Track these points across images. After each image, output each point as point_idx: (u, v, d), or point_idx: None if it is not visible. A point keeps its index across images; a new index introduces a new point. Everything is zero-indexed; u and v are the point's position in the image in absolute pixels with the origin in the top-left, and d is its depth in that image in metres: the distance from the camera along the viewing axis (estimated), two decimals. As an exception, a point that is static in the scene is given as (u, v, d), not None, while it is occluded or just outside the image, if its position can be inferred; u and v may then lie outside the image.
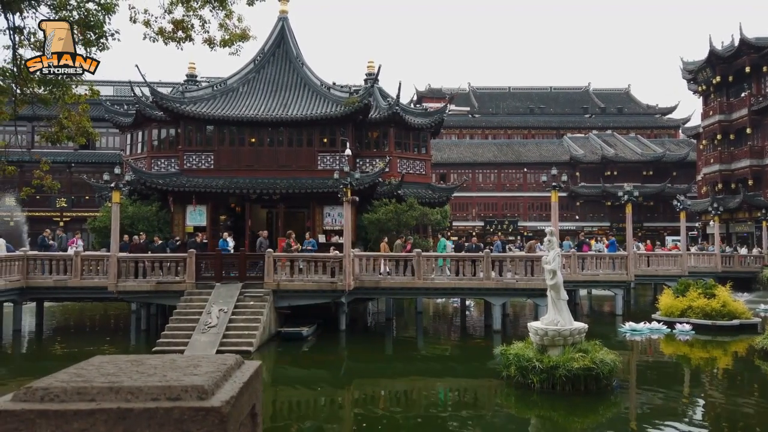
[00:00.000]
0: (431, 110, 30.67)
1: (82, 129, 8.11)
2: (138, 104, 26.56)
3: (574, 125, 61.30)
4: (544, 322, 12.48)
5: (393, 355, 17.94)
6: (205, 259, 19.37)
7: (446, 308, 28.30)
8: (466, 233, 48.55)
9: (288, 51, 29.37)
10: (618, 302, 23.52)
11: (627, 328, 19.65)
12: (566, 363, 11.49)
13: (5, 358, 17.22)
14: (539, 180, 51.69)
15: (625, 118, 62.91)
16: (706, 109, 44.88)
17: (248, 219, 25.40)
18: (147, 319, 20.39)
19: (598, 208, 51.20)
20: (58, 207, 39.84)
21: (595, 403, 11.63)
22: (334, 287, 18.57)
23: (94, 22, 7.42)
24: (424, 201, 25.95)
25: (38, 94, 7.78)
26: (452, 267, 19.63)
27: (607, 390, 11.99)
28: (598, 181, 50.48)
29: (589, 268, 22.46)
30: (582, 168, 51.65)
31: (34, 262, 19.25)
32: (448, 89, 66.10)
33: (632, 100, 66.82)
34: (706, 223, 43.00)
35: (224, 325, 16.64)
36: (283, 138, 25.68)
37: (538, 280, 18.54)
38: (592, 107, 64.53)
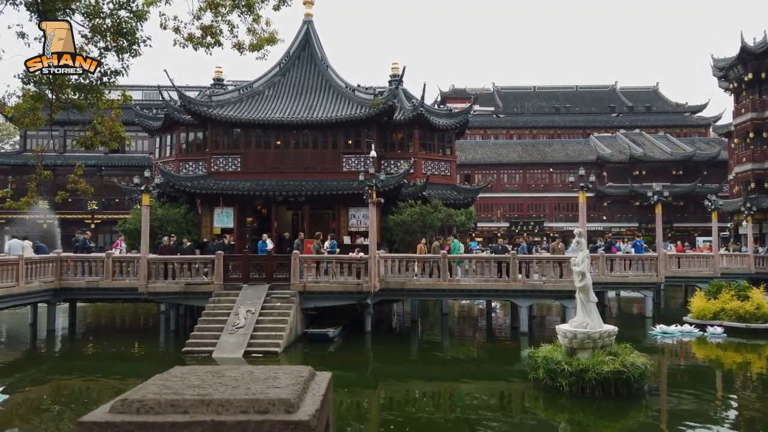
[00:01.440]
0: (456, 111, 30.54)
1: (115, 134, 8.29)
2: (167, 108, 26.99)
3: (600, 124, 60.44)
4: (573, 324, 12.34)
5: (418, 357, 17.91)
6: (232, 261, 19.59)
7: (471, 310, 28.15)
8: (491, 234, 48.28)
9: (313, 54, 29.56)
10: (648, 304, 23.12)
11: (658, 330, 19.30)
12: (596, 366, 11.34)
13: (40, 357, 17.66)
14: (565, 180, 51.12)
15: (653, 116, 61.81)
16: (737, 107, 43.84)
17: (274, 221, 25.63)
18: (176, 319, 20.70)
19: (626, 208, 50.40)
20: (89, 209, 40.70)
21: (625, 407, 11.45)
22: (359, 289, 18.63)
23: (127, 29, 7.56)
24: (449, 202, 25.86)
25: (73, 100, 7.97)
26: (476, 269, 19.50)
27: (638, 394, 11.80)
28: (626, 181, 49.69)
29: (618, 269, 22.12)
30: (609, 168, 50.91)
31: (67, 263, 19.71)
32: (472, 89, 65.81)
33: (661, 99, 65.63)
34: (739, 223, 41.97)
35: (252, 326, 16.81)
36: (308, 140, 25.84)
37: (566, 281, 18.35)
38: (620, 106, 63.55)
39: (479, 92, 61.59)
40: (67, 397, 12.83)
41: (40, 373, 15.53)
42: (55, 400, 12.59)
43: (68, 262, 19.75)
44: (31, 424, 10.71)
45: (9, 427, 10.44)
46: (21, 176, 39.37)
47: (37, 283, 18.37)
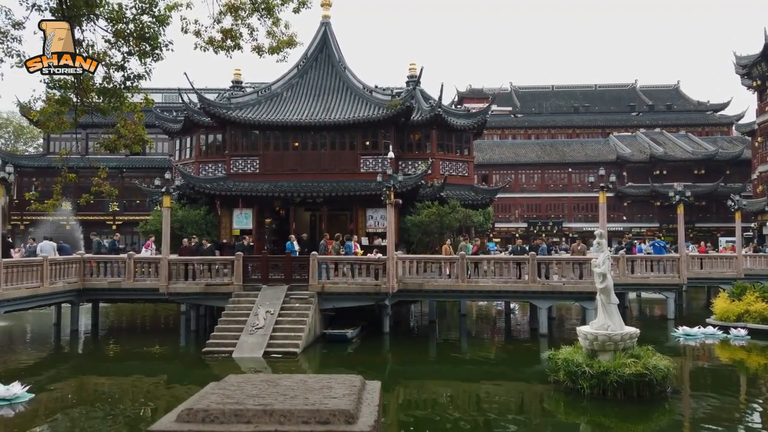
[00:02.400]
0: (474, 111, 30.44)
1: (138, 137, 8.42)
2: (186, 111, 27.29)
3: (620, 124, 59.77)
4: (594, 326, 12.22)
5: (437, 358, 17.88)
6: (252, 262, 19.74)
7: (489, 311, 28.02)
8: (509, 235, 48.01)
9: (330, 55, 29.67)
10: (670, 306, 22.82)
11: (680, 332, 19.03)
12: (617, 369, 11.23)
13: (64, 357, 17.96)
14: (584, 180, 50.62)
15: (674, 115, 60.96)
16: (761, 105, 43.08)
17: (292, 222, 25.77)
18: (196, 319, 20.90)
19: (647, 208, 49.79)
20: (111, 211, 41.32)
21: (648, 410, 11.31)
22: (377, 290, 18.65)
23: (150, 34, 7.66)
24: (467, 203, 25.79)
25: (97, 104, 8.10)
26: (495, 270, 19.41)
27: (661, 397, 11.65)
28: (647, 180, 49.07)
29: (639, 270, 21.86)
30: (629, 167, 50.33)
31: (90, 264, 20.01)
32: (489, 89, 65.50)
33: (682, 97, 64.72)
34: (763, 223, 41.25)
35: (271, 327, 16.93)
36: (326, 141, 25.95)
37: (586, 282, 18.19)
38: (640, 105, 62.80)
39: (496, 92, 61.27)
40: (91, 396, 13.03)
41: (64, 372, 15.79)
42: (80, 399, 12.79)
43: (91, 263, 20.05)
44: (55, 423, 10.89)
45: (35, 425, 10.64)
46: (44, 178, 40.11)
47: (61, 283, 18.68)
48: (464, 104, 54.46)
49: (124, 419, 11.07)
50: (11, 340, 19.61)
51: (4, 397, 11.40)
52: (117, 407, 11.93)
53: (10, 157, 39.18)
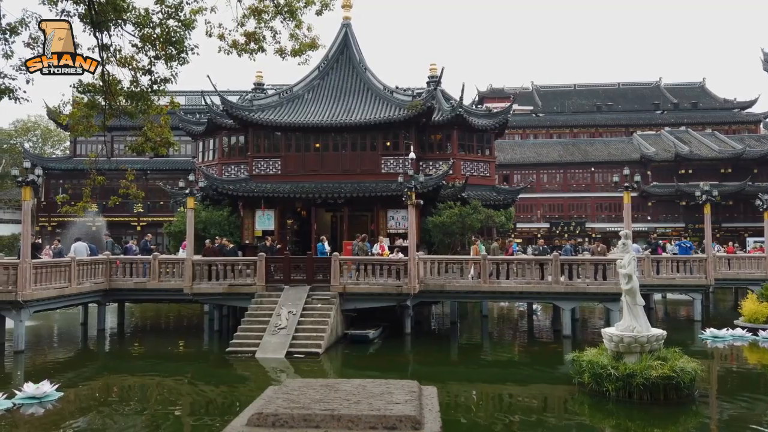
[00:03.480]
0: (495, 111, 30.28)
1: (164, 140, 8.55)
2: (209, 113, 27.60)
3: (644, 122, 58.92)
4: (620, 328, 12.07)
5: (459, 359, 17.81)
6: (274, 262, 19.88)
7: (511, 312, 27.83)
8: (531, 235, 47.63)
9: (351, 57, 29.77)
10: (696, 307, 22.43)
11: (708, 334, 18.70)
12: (644, 371, 11.07)
13: (91, 356, 18.28)
14: (608, 180, 49.98)
15: (700, 113, 59.90)
16: (790, 102, 42.09)
17: (314, 223, 25.90)
18: (219, 320, 21.12)
19: (672, 208, 48.98)
20: (135, 212, 41.99)
21: (675, 413, 11.13)
22: (399, 290, 18.64)
23: (176, 38, 7.78)
24: (488, 203, 25.66)
25: (125, 108, 8.25)
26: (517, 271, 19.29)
27: (688, 400, 11.46)
28: (672, 180, 48.28)
29: (665, 271, 21.52)
30: (654, 167, 49.56)
31: (116, 265, 20.35)
32: (510, 89, 65.10)
33: (708, 95, 63.56)
34: (793, 223, 40.27)
35: (293, 327, 17.04)
36: (347, 142, 26.03)
37: (611, 283, 17.98)
38: (664, 103, 61.82)
39: (517, 91, 60.90)
40: (118, 395, 13.25)
41: (91, 371, 16.07)
42: (107, 397, 13.01)
43: (117, 263, 20.39)
44: (84, 421, 11.09)
45: (64, 423, 10.84)
46: (72, 180, 40.94)
47: (88, 284, 19.03)
48: (485, 104, 54.16)
49: (151, 418, 11.23)
50: (40, 340, 20.02)
51: (34, 396, 11.65)
52: (144, 406, 12.11)
53: (38, 160, 40.02)
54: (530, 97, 64.08)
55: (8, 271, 16.51)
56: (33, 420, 10.87)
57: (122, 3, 7.71)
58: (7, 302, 16.40)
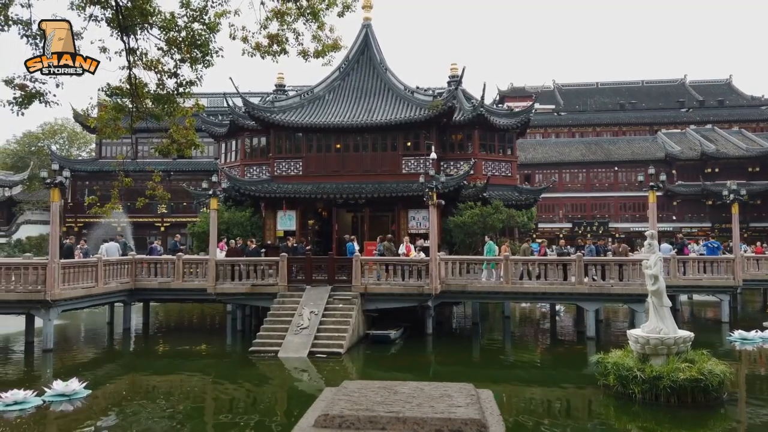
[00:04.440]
0: (517, 110, 30.06)
1: (189, 141, 8.66)
2: (232, 115, 27.86)
3: (669, 120, 58.01)
4: (646, 329, 11.90)
5: (480, 360, 17.72)
6: (296, 263, 20.00)
7: (533, 313, 27.61)
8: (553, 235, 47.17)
9: (372, 57, 29.81)
10: (724, 308, 22.01)
11: (736, 336, 18.34)
12: (671, 373, 10.91)
13: (118, 355, 18.59)
14: (631, 179, 49.35)
15: (726, 111, 58.76)
16: (821, 99, 41.07)
17: (335, 223, 25.99)
18: (242, 319, 21.31)
19: (698, 207, 48.14)
20: (159, 213, 42.59)
21: (703, 416, 10.94)
22: (420, 291, 18.62)
23: (201, 41, 7.86)
24: (510, 203, 25.49)
25: (151, 110, 8.37)
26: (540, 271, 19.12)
27: (717, 403, 11.25)
28: (697, 179, 47.47)
29: (691, 272, 21.15)
30: (679, 165, 48.76)
31: (142, 265, 20.66)
32: (531, 87, 64.61)
33: (734, 92, 62.33)
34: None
35: (315, 327, 17.12)
36: (368, 143, 26.07)
37: (635, 284, 17.74)
38: (689, 100, 60.78)
39: (539, 90, 60.39)
40: (143, 393, 13.45)
41: (118, 369, 16.35)
42: (134, 395, 13.21)
43: (142, 264, 20.69)
44: (112, 418, 11.28)
45: (93, 420, 11.04)
46: (97, 182, 41.68)
47: (114, 283, 19.34)
48: (506, 103, 53.80)
49: (177, 417, 11.38)
50: (67, 339, 20.41)
51: (63, 393, 11.89)
52: (169, 405, 12.27)
53: (65, 162, 40.81)
54: (552, 96, 63.50)
55: (37, 271, 16.86)
56: (62, 417, 11.09)
57: (148, 7, 7.81)
58: (37, 301, 16.74)
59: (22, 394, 11.42)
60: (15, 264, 17.59)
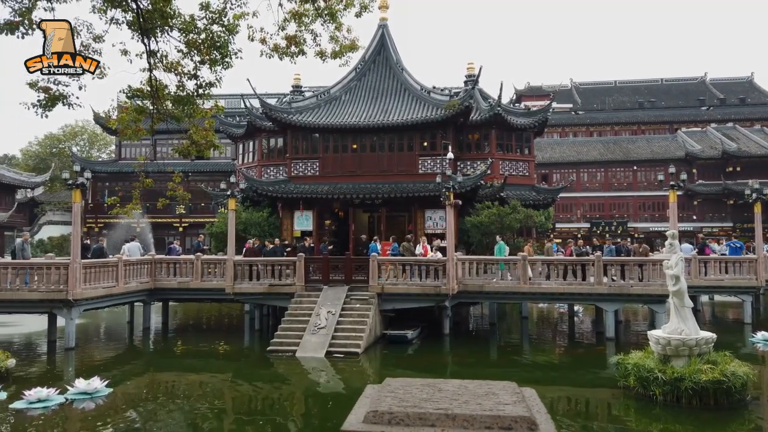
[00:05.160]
0: (534, 109, 29.89)
1: (209, 142, 8.75)
2: (249, 116, 28.06)
3: (689, 119, 57.23)
4: (667, 330, 11.75)
5: (498, 361, 17.62)
6: (313, 263, 20.07)
7: (551, 313, 27.39)
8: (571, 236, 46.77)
9: (388, 57, 29.83)
10: (746, 309, 21.65)
11: (759, 337, 18.03)
12: (693, 375, 10.76)
13: (138, 353, 18.81)
14: (650, 178, 48.80)
15: (748, 109, 57.82)
16: None
17: (351, 223, 26.04)
18: (260, 319, 21.44)
19: (719, 207, 47.43)
20: (178, 214, 43.02)
21: (726, 418, 10.77)
22: (438, 291, 18.58)
23: (220, 42, 7.95)
24: (527, 203, 25.36)
25: (171, 112, 8.47)
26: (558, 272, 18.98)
27: (740, 405, 11.07)
28: (719, 178, 46.77)
29: (713, 272, 20.84)
30: (699, 164, 48.10)
31: (161, 265, 20.88)
32: (548, 86, 64.16)
33: (756, 89, 61.30)
34: None
35: (332, 327, 17.17)
36: (384, 143, 26.10)
37: (656, 285, 17.54)
38: (710, 98, 59.91)
39: (556, 89, 59.93)
40: (163, 392, 13.59)
41: (138, 368, 16.53)
42: (154, 394, 13.36)
43: (162, 263, 20.90)
44: (134, 417, 11.41)
45: (115, 418, 11.18)
46: (117, 183, 42.20)
47: (134, 283, 19.57)
48: (522, 102, 53.55)
49: (197, 415, 11.48)
50: (88, 337, 20.69)
51: (85, 391, 12.06)
52: (189, 403, 12.39)
53: (86, 163, 41.40)
54: (569, 95, 63.00)
55: (59, 271, 17.12)
56: (85, 414, 11.24)
57: (169, 10, 7.91)
58: (59, 301, 17.00)
59: (45, 392, 11.60)
60: (38, 264, 17.88)
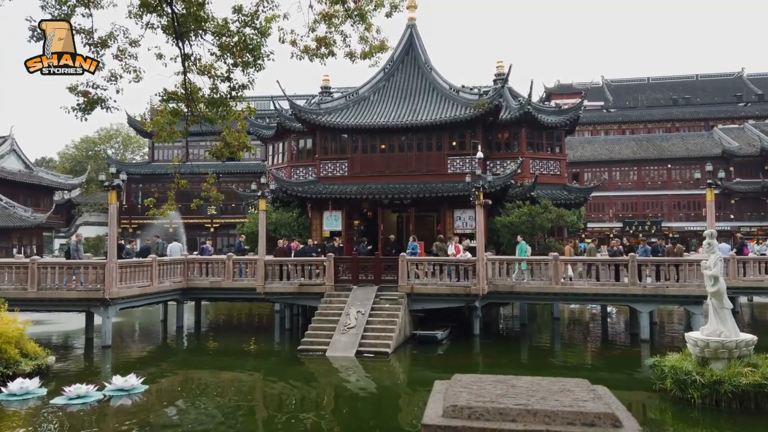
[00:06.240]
0: (565, 107, 29.48)
1: (242, 144, 8.86)
2: (279, 117, 28.33)
3: (725, 115, 55.66)
4: (705, 332, 11.46)
5: (529, 362, 17.42)
6: (342, 263, 20.15)
7: (583, 314, 26.98)
8: (603, 235, 46.00)
9: (416, 57, 29.78)
10: (787, 311, 20.98)
11: (801, 340, 17.41)
12: (732, 378, 10.47)
13: (171, 351, 19.16)
14: (685, 176, 47.66)
15: (788, 104, 55.97)
16: None
17: (380, 223, 26.06)
18: (290, 318, 21.63)
19: (758, 206, 46.05)
20: (209, 214, 43.66)
21: (767, 423, 10.44)
22: (467, 291, 18.47)
23: (253, 45, 8.03)
24: (559, 202, 25.02)
25: (205, 114, 8.60)
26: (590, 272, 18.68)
27: (783, 410, 10.71)
28: (757, 176, 45.41)
29: (752, 273, 20.24)
30: (737, 162, 46.78)
31: (193, 265, 21.22)
32: (579, 84, 63.18)
33: (796, 84, 59.28)
34: None
35: (362, 327, 17.21)
36: (413, 143, 26.06)
37: (693, 285, 17.13)
38: (747, 94, 58.16)
39: (587, 86, 58.94)
40: (197, 389, 13.80)
41: (172, 365, 16.85)
42: (188, 391, 13.60)
43: (194, 263, 21.25)
44: (169, 412, 11.62)
45: (152, 414, 11.41)
46: (150, 184, 43.04)
47: (168, 283, 19.93)
48: (552, 100, 52.83)
49: (231, 412, 11.63)
50: (123, 336, 21.16)
51: (122, 388, 12.33)
52: (222, 400, 12.56)
53: (120, 165, 42.32)
54: (600, 92, 61.91)
55: (96, 271, 17.55)
56: (123, 411, 11.49)
57: (202, 14, 8.03)
58: (96, 300, 17.43)
59: (84, 388, 11.90)
60: (76, 264, 18.36)
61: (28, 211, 37.89)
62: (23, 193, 43.95)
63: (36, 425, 10.54)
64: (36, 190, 46.06)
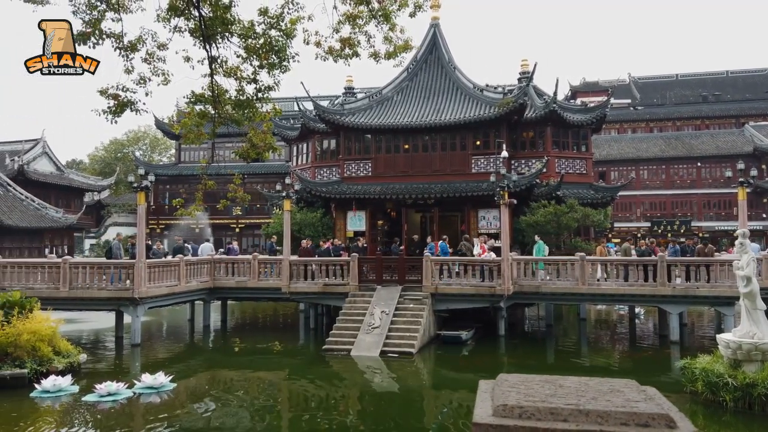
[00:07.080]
0: (591, 105, 29.09)
1: (268, 145, 8.94)
2: (303, 118, 28.52)
3: (757, 112, 54.32)
4: (738, 334, 11.20)
5: (555, 363, 17.24)
6: (366, 263, 20.19)
7: (610, 315, 26.59)
8: (630, 235, 45.30)
9: (440, 56, 29.70)
10: (824, 313, 20.36)
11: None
12: (766, 381, 10.21)
13: (198, 350, 19.43)
14: (716, 175, 46.65)
15: (823, 100, 54.42)
16: None
17: (404, 223, 26.05)
18: (315, 318, 21.75)
19: (791, 204, 44.84)
20: (234, 215, 44.13)
21: (803, 428, 10.17)
22: (492, 291, 18.36)
23: (279, 47, 8.10)
24: (585, 202, 24.71)
25: (232, 115, 8.70)
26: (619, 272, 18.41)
27: (820, 415, 10.42)
28: (791, 174, 44.20)
29: (786, 273, 19.70)
30: (769, 160, 45.61)
31: (220, 265, 21.48)
32: (605, 81, 62.34)
33: (832, 79, 57.61)
34: None
35: (386, 327, 17.23)
36: (436, 143, 26.00)
37: (724, 286, 16.76)
38: (780, 90, 56.72)
39: (613, 84, 58.20)
40: (224, 387, 13.97)
41: (200, 364, 17.09)
42: (216, 389, 13.77)
43: (220, 263, 21.51)
44: (198, 410, 11.78)
45: (182, 411, 11.58)
46: (177, 185, 43.68)
47: (195, 282, 20.22)
48: (578, 98, 52.21)
49: (255, 409, 11.76)
50: (152, 335, 21.51)
51: (151, 386, 12.55)
52: (249, 399, 12.70)
53: (148, 167, 43.03)
54: (627, 90, 60.97)
55: (126, 271, 17.89)
56: (152, 408, 11.70)
57: (229, 17, 8.12)
58: (126, 299, 17.77)
59: (114, 386, 12.14)
60: (106, 264, 18.73)
61: (59, 212, 38.73)
62: (54, 194, 44.91)
63: (69, 422, 10.78)
64: (67, 192, 47.06)
